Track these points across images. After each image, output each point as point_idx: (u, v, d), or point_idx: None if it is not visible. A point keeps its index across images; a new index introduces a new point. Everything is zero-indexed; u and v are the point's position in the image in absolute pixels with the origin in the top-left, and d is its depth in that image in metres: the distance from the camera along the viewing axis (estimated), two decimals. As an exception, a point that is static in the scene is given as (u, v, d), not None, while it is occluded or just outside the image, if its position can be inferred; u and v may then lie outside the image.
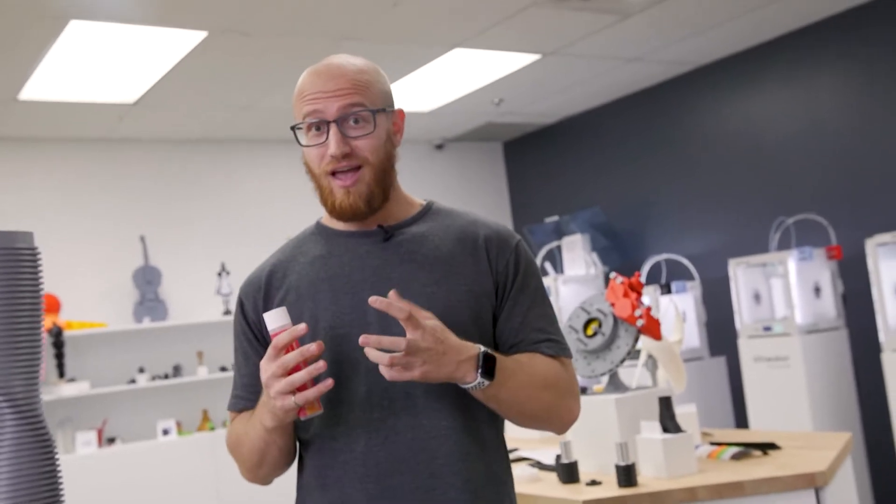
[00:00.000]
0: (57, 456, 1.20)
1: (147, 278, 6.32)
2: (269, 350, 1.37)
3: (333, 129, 1.48)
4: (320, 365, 1.36)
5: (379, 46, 5.03)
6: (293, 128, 1.53)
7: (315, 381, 1.37)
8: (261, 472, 1.57)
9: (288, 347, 1.37)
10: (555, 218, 7.09)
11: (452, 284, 1.51)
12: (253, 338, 1.58)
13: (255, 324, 1.57)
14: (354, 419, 1.46)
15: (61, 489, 1.19)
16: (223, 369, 6.33)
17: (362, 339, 1.34)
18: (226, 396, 1.69)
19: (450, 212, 1.63)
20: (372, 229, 1.56)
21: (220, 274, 6.52)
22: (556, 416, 1.56)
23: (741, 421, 5.59)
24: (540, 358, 1.53)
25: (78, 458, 5.53)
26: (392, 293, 1.37)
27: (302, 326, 1.38)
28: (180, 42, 4.67)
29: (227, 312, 6.45)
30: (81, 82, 5.16)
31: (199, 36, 4.60)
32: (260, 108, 6.02)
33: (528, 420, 1.54)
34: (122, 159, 6.49)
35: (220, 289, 6.49)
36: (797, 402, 4.86)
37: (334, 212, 1.53)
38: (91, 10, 4.17)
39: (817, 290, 5.09)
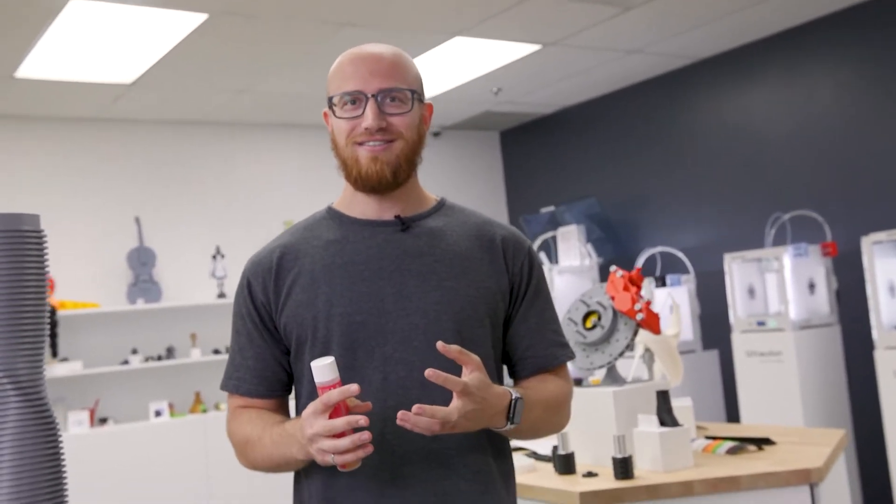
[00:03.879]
0: (60, 438, 1.20)
1: (141, 259, 6.30)
2: (318, 404, 1.34)
3: (371, 102, 1.48)
4: (366, 437, 1.33)
5: (380, 33, 5.01)
6: (330, 100, 1.53)
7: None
8: (267, 471, 1.56)
9: (337, 406, 1.34)
10: (550, 208, 7.10)
11: (470, 280, 1.53)
12: (259, 320, 1.55)
13: (264, 305, 1.55)
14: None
15: (64, 470, 1.19)
16: (216, 352, 6.33)
17: (416, 408, 1.32)
18: (219, 379, 1.66)
19: (462, 209, 1.65)
20: (389, 219, 1.55)
21: (214, 256, 6.51)
22: (557, 430, 1.67)
23: (732, 415, 5.62)
24: (551, 380, 1.59)
25: (70, 438, 5.51)
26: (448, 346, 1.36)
27: (355, 387, 1.34)
28: (180, 24, 4.64)
29: (221, 295, 6.44)
30: (79, 61, 5.12)
31: (199, 18, 4.57)
32: (257, 92, 5.99)
33: (533, 438, 1.64)
34: (117, 140, 6.46)
35: (214, 271, 6.48)
36: (789, 398, 4.89)
37: (359, 180, 1.51)
38: (92, -11, 4.15)
39: (811, 287, 5.11)
